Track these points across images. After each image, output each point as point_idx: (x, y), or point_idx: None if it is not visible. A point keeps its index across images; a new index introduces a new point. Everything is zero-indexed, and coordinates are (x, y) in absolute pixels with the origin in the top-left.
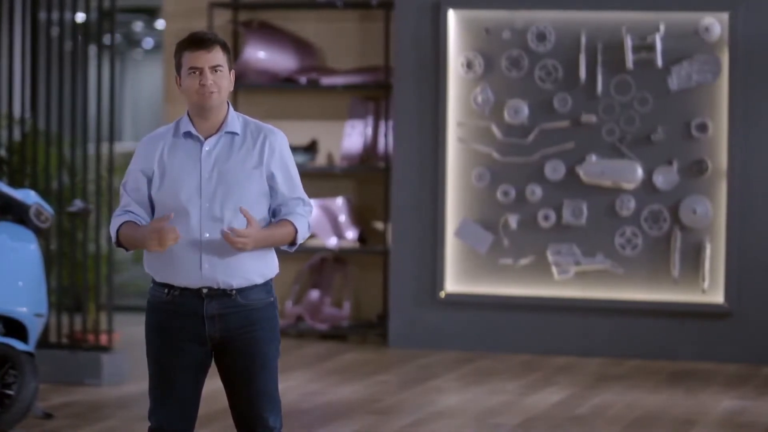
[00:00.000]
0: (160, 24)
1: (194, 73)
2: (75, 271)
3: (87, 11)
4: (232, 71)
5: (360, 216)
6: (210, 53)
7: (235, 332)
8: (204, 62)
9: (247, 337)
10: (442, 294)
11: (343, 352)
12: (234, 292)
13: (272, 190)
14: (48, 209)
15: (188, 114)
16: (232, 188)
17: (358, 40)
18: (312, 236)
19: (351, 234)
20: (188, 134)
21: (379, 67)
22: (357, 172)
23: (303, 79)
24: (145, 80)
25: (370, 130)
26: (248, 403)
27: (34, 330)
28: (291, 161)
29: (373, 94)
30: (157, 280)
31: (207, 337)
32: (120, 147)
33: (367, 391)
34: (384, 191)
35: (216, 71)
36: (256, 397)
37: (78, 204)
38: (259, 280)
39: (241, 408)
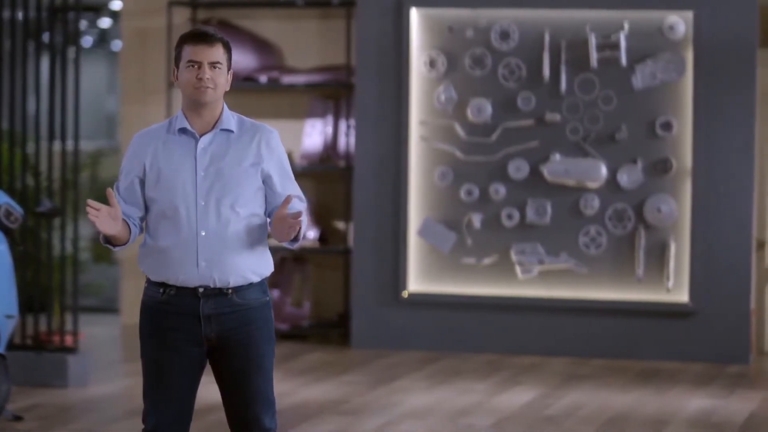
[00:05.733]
0: (103, 23)
1: (193, 66)
2: (40, 272)
3: (51, 8)
4: (231, 71)
5: (321, 215)
6: (211, 49)
7: (231, 332)
8: (204, 57)
9: (244, 338)
10: (405, 294)
11: (306, 352)
12: (230, 291)
13: (269, 188)
14: (17, 209)
15: (182, 111)
16: (229, 185)
17: (319, 39)
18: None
19: (311, 234)
20: (183, 130)
21: (340, 66)
22: (317, 172)
23: (263, 78)
24: (84, 79)
25: (330, 129)
26: (244, 405)
27: (5, 331)
28: (286, 159)
29: (334, 93)
30: (153, 278)
31: (203, 337)
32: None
33: (338, 392)
34: (345, 190)
35: (215, 68)
36: (251, 398)
37: (47, 204)
38: (255, 279)
39: (236, 409)
